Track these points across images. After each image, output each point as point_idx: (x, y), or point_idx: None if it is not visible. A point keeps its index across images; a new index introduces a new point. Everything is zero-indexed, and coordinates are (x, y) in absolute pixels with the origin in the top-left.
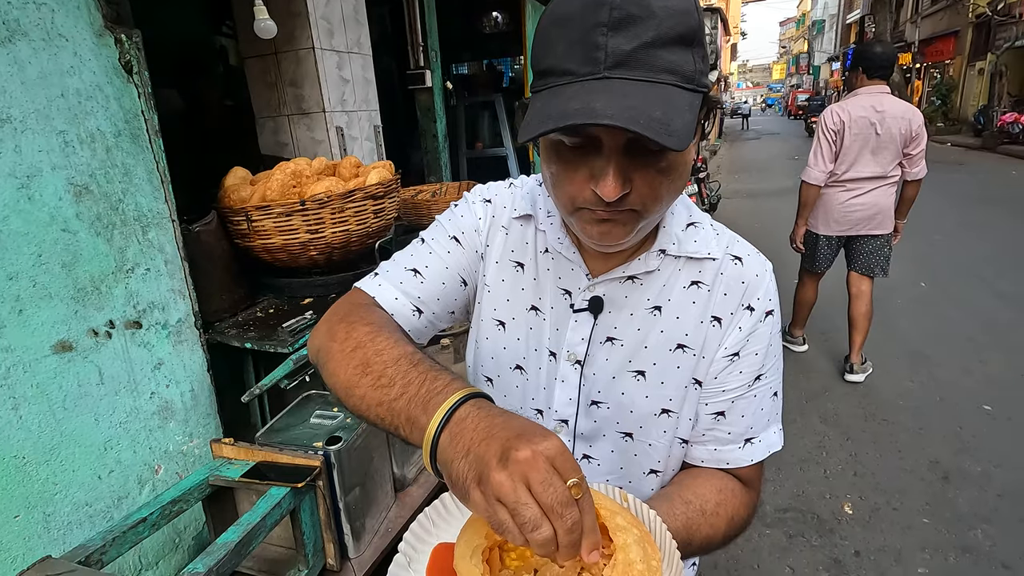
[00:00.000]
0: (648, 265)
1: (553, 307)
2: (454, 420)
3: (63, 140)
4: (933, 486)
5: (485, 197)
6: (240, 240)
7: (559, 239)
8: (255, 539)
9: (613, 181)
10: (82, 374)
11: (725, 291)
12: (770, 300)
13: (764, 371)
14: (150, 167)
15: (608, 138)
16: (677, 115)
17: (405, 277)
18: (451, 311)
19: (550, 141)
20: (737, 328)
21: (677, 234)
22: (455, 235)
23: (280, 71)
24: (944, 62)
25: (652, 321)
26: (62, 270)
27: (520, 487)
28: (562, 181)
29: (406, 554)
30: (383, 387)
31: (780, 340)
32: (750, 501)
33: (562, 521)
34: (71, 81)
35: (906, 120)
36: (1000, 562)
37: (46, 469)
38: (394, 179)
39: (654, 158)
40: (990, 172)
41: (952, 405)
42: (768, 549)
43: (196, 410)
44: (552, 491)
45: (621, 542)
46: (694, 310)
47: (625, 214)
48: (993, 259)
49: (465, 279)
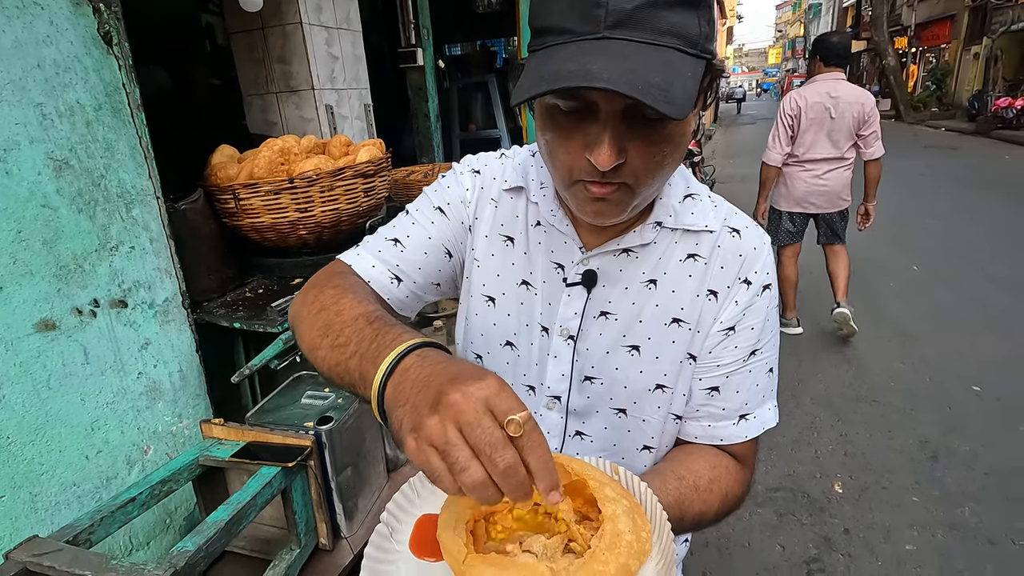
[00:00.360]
0: (644, 238)
1: (545, 281)
2: (398, 371)
3: (41, 112)
4: (922, 465)
5: (474, 168)
6: (228, 219)
7: (552, 211)
8: (246, 518)
9: (608, 149)
10: (66, 353)
11: (722, 264)
12: (767, 274)
13: (760, 346)
14: (132, 142)
15: (605, 103)
16: (678, 81)
17: (384, 246)
18: (435, 282)
19: (545, 106)
20: (733, 302)
21: (674, 206)
22: (440, 205)
23: (267, 47)
24: (940, 46)
25: (647, 295)
26: (43, 247)
27: (450, 429)
28: (557, 149)
29: (388, 524)
30: (340, 347)
31: (777, 315)
32: (744, 478)
33: (493, 464)
34: (48, 51)
35: (859, 104)
36: (986, 538)
37: (31, 449)
38: (385, 157)
39: (652, 127)
40: (984, 157)
41: (942, 386)
42: (759, 527)
43: (185, 390)
44: (481, 432)
45: (610, 512)
46: (690, 284)
47: (620, 191)
48: (985, 243)
49: (450, 250)
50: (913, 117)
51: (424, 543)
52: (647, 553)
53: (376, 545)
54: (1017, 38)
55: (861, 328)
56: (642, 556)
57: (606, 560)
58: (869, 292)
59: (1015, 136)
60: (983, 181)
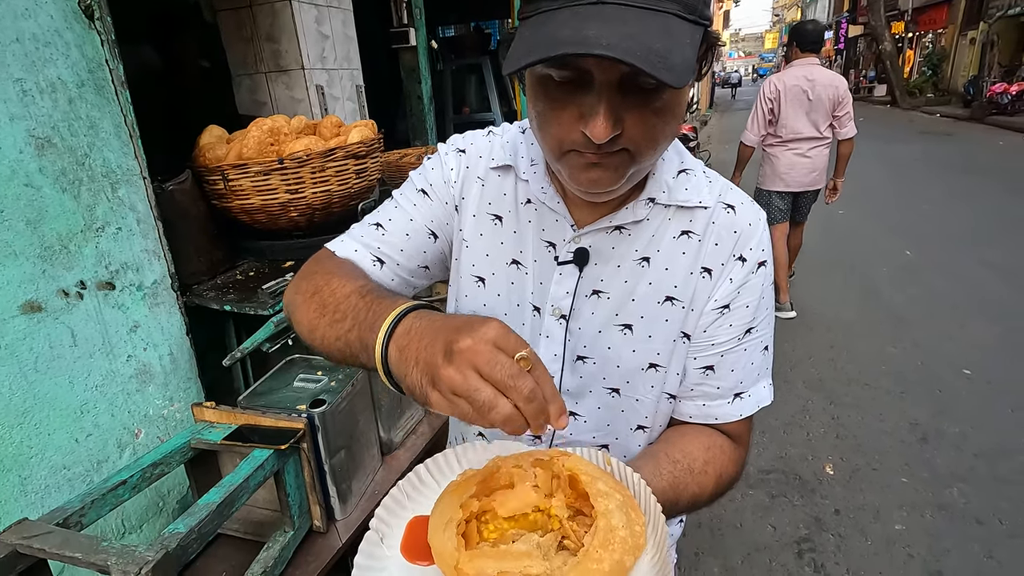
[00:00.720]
0: (636, 214)
1: (536, 260)
2: (398, 333)
3: (21, 88)
4: (912, 447)
5: (459, 147)
6: (217, 201)
7: (543, 189)
8: (238, 500)
9: (604, 121)
10: (53, 335)
11: (716, 241)
12: (763, 251)
13: (755, 324)
14: (117, 120)
15: (600, 72)
16: (677, 48)
17: (367, 231)
18: (422, 265)
19: (536, 76)
20: (728, 279)
21: (667, 182)
22: (423, 188)
23: (256, 25)
24: (936, 31)
25: (640, 273)
26: (27, 227)
27: (470, 374)
28: (549, 121)
29: (378, 531)
30: (337, 322)
31: (772, 293)
32: (738, 457)
33: (518, 392)
34: (26, 25)
35: (833, 87)
36: (974, 518)
37: (19, 432)
38: (377, 138)
39: (649, 96)
40: (978, 143)
41: (933, 369)
42: (751, 509)
43: (176, 374)
44: (500, 368)
45: (603, 508)
46: (684, 261)
47: (616, 157)
48: (978, 228)
49: (434, 231)
50: (909, 103)
51: (415, 547)
52: (642, 547)
53: (366, 553)
54: (1013, 23)
55: (854, 313)
56: (637, 551)
57: (600, 558)
58: (862, 277)
59: (1010, 122)
60: (977, 167)
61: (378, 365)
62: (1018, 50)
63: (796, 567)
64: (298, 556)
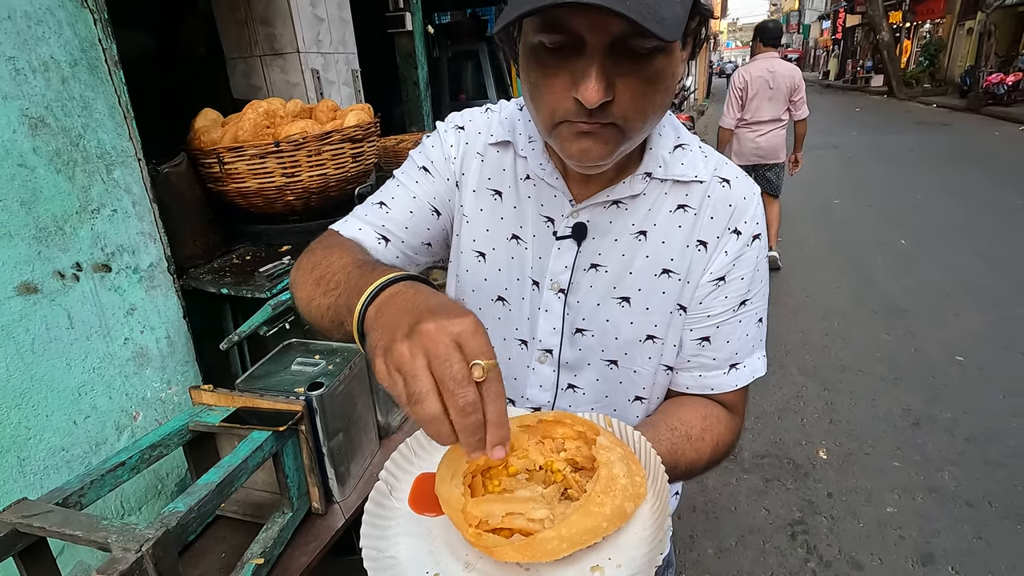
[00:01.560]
0: (633, 189)
1: (535, 235)
2: (381, 297)
3: (13, 67)
4: (904, 432)
5: (458, 124)
6: (213, 184)
7: (541, 165)
8: (237, 480)
9: (596, 84)
10: (50, 317)
11: (712, 215)
12: (757, 224)
13: (750, 296)
14: (111, 101)
15: (591, 35)
16: (667, 3)
17: (371, 210)
18: (425, 242)
19: (530, 46)
20: (723, 252)
21: (664, 156)
22: (424, 165)
23: (250, 7)
24: (934, 21)
25: (637, 246)
26: (21, 208)
27: (418, 358)
28: (542, 90)
29: (387, 482)
30: (331, 291)
31: (766, 265)
32: (735, 426)
33: (452, 399)
34: (18, 2)
35: (790, 76)
36: (964, 501)
37: (17, 413)
38: (373, 122)
39: (641, 62)
40: (974, 133)
41: (926, 356)
42: (745, 493)
43: (173, 357)
44: (447, 366)
45: (604, 459)
46: (680, 234)
47: (607, 130)
48: (972, 218)
49: (437, 208)
50: (905, 93)
51: (423, 499)
52: (642, 496)
53: (375, 502)
54: (1011, 13)
55: (849, 300)
56: (637, 499)
57: (602, 502)
58: (857, 266)
59: (1006, 112)
60: (972, 157)
61: (355, 324)
62: (1015, 40)
63: (789, 548)
64: (297, 537)
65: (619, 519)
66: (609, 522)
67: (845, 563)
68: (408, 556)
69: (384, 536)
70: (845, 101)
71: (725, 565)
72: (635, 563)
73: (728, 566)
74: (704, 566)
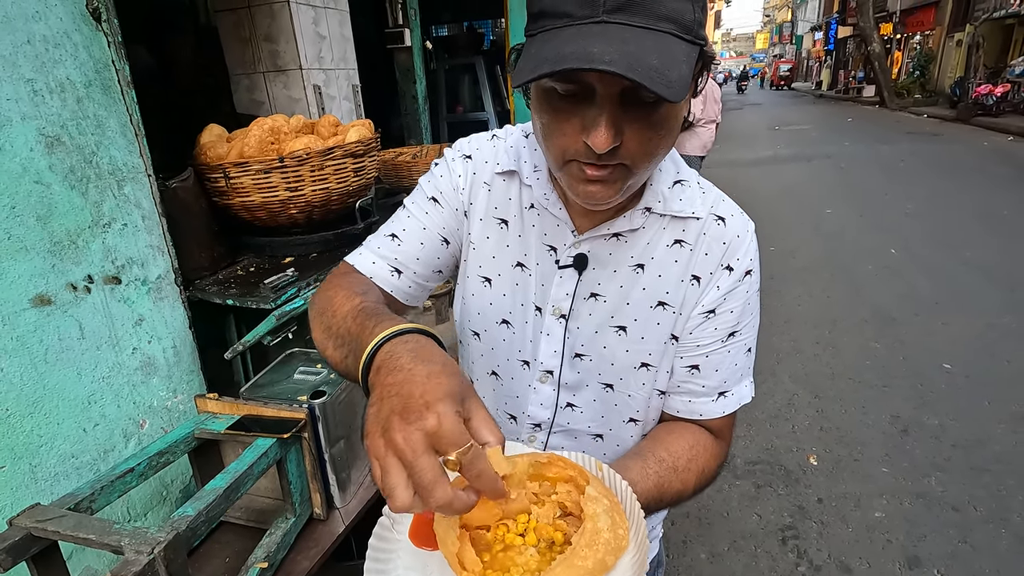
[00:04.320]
0: (633, 223)
1: (539, 263)
2: (372, 368)
3: (31, 89)
4: (893, 438)
5: (465, 153)
6: (219, 198)
7: (545, 195)
8: (243, 485)
9: (605, 132)
10: (62, 328)
11: (706, 251)
12: (750, 260)
13: (739, 328)
14: (123, 120)
15: (602, 87)
16: (675, 66)
17: (383, 243)
18: (436, 270)
19: (542, 89)
20: (715, 287)
21: (663, 192)
22: (433, 196)
23: (254, 25)
24: (924, 33)
25: (634, 278)
26: (37, 223)
27: (390, 456)
28: (553, 132)
29: (390, 516)
30: (339, 347)
31: (758, 298)
32: (720, 453)
33: (429, 499)
34: (37, 27)
35: (718, 89)
36: (951, 506)
37: (30, 421)
38: (374, 137)
39: (648, 110)
40: (964, 143)
41: (915, 364)
42: (737, 499)
43: (179, 366)
44: (417, 473)
45: (591, 511)
46: (675, 269)
47: (615, 171)
48: (961, 227)
49: (447, 238)
50: (897, 103)
51: (422, 533)
52: (623, 549)
53: (378, 536)
54: (998, 25)
55: (840, 309)
56: (619, 552)
57: (585, 556)
58: (848, 274)
59: (995, 123)
60: (962, 167)
61: (363, 388)
62: (1003, 52)
63: (780, 553)
64: (299, 542)
65: (600, 572)
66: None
67: (835, 567)
68: None
69: (385, 570)
70: (837, 111)
71: (717, 570)
72: None
73: (720, 571)
74: (697, 571)
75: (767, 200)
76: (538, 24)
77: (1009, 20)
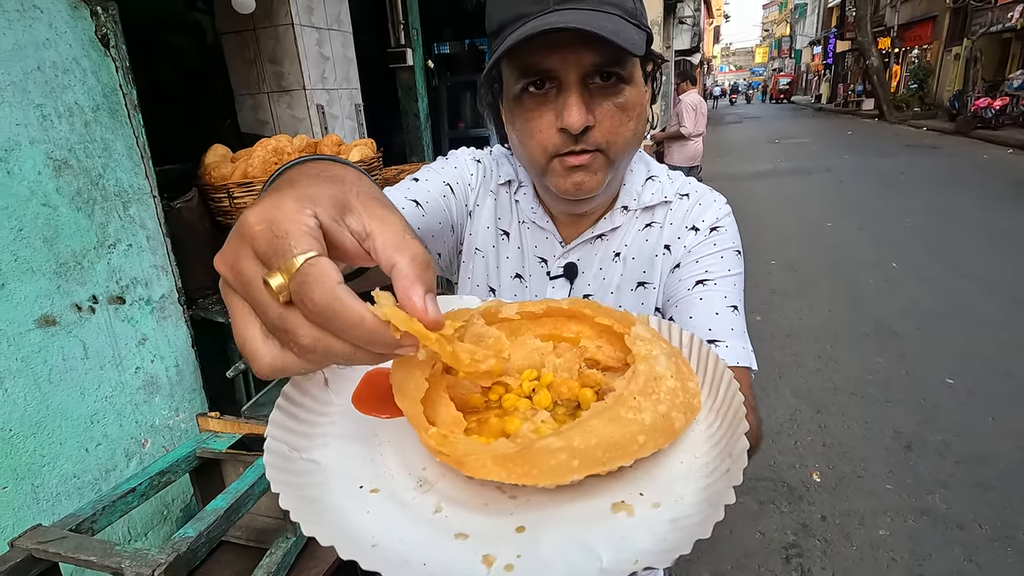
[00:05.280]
0: (613, 222)
1: (532, 275)
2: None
3: (41, 113)
4: (896, 454)
5: (476, 157)
6: (222, 218)
7: (533, 209)
8: (244, 506)
9: (577, 111)
10: (67, 348)
11: (671, 221)
12: (716, 219)
13: (709, 277)
14: (130, 142)
15: (565, 71)
16: (628, 32)
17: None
18: (438, 253)
19: (513, 96)
20: (683, 247)
21: (636, 190)
22: (449, 183)
23: (259, 47)
24: (922, 47)
25: (614, 268)
26: (43, 244)
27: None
28: (530, 130)
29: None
30: None
31: (734, 256)
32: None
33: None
34: (47, 54)
35: (704, 104)
36: (956, 523)
37: (33, 441)
38: (376, 157)
39: (612, 92)
40: (963, 156)
41: (917, 379)
42: (740, 515)
43: (181, 385)
44: (257, 306)
45: (643, 351)
46: (647, 247)
47: (594, 158)
48: (962, 240)
49: (454, 226)
50: (896, 117)
51: (373, 395)
52: (696, 409)
53: (299, 388)
54: (996, 39)
55: (841, 323)
56: (690, 411)
57: (639, 406)
58: (849, 288)
59: (994, 136)
60: (962, 180)
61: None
62: (1001, 66)
63: (784, 572)
64: (300, 562)
65: (663, 435)
66: (648, 436)
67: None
68: (336, 462)
69: (306, 432)
70: (837, 124)
71: None
72: (681, 505)
73: None
74: None
75: (768, 213)
76: (499, 38)
77: (1006, 34)
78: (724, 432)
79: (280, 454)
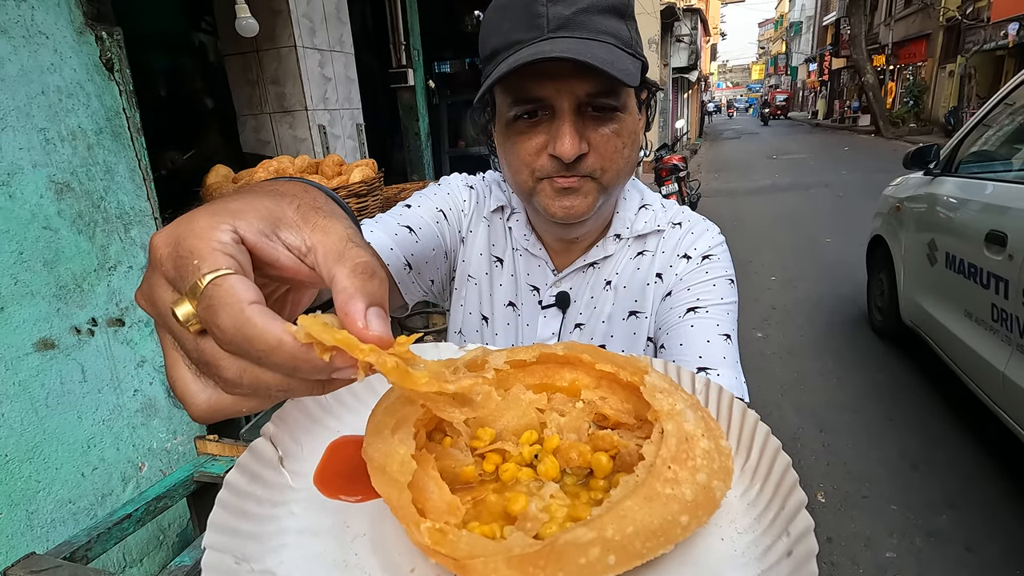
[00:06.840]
0: (606, 250)
1: (524, 303)
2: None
3: (44, 137)
4: (902, 474)
5: (468, 183)
6: None
7: (525, 236)
8: None
9: (570, 139)
10: (65, 372)
11: (664, 249)
12: (709, 247)
13: (700, 305)
14: (132, 165)
15: (559, 99)
16: (622, 62)
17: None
18: (431, 280)
19: (505, 122)
20: (675, 275)
21: (630, 218)
22: (443, 209)
23: (262, 69)
24: (916, 64)
25: (605, 297)
26: (44, 268)
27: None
28: (520, 155)
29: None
30: None
31: (727, 285)
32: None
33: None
34: (52, 78)
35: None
36: (964, 545)
37: (29, 467)
38: (377, 177)
39: (605, 120)
40: None
41: (921, 396)
42: None
43: (180, 407)
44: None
45: (666, 407)
46: (639, 276)
47: (586, 183)
48: None
49: (447, 253)
50: (892, 132)
51: (339, 474)
52: (731, 473)
53: (248, 473)
54: (989, 57)
55: (843, 340)
56: (727, 477)
57: (676, 477)
58: (850, 304)
59: None
60: None
61: None
62: (995, 82)
63: None
64: None
65: (705, 510)
66: (691, 515)
67: None
68: (298, 571)
69: (257, 534)
70: (834, 140)
71: None
72: None
73: None
74: None
75: (767, 229)
76: (493, 63)
77: (1000, 52)
78: (768, 499)
79: (223, 570)
